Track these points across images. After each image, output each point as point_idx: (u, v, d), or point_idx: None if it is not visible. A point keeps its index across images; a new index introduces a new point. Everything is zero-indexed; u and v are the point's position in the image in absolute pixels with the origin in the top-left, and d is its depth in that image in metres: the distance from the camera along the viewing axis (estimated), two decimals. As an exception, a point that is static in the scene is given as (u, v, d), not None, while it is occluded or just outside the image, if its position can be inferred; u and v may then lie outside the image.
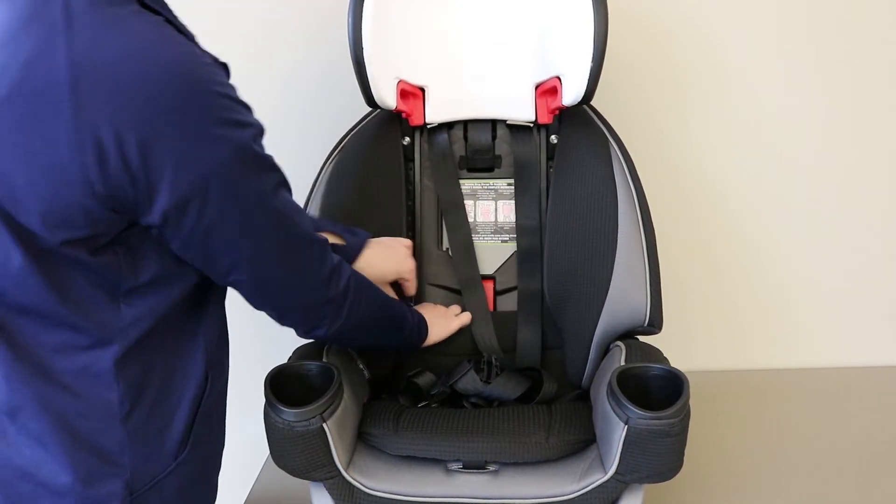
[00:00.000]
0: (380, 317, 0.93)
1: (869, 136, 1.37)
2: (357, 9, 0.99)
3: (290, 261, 0.77)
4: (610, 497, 0.88)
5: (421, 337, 1.02)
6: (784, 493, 1.09)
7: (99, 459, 0.73)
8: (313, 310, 0.82)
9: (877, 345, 1.48)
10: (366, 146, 1.09)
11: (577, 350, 1.04)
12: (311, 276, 0.79)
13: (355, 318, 0.86)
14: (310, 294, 0.80)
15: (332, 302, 0.82)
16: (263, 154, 0.72)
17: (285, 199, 0.76)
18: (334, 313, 0.83)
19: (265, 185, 0.72)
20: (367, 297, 0.87)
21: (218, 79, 0.69)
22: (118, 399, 0.73)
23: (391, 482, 0.90)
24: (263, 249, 0.74)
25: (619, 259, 1.00)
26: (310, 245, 0.79)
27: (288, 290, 0.79)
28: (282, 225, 0.75)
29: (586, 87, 1.00)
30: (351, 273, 0.85)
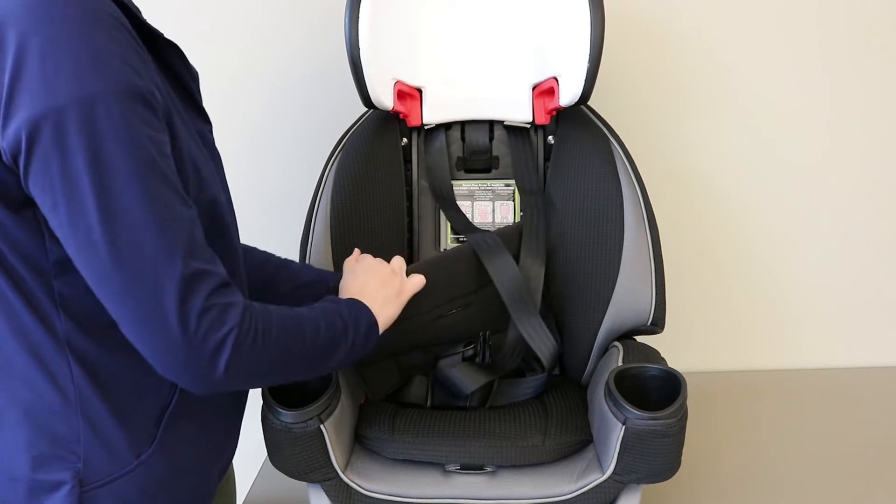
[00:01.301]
0: (302, 349, 0.73)
1: (869, 137, 1.37)
2: (354, 9, 0.99)
3: (127, 273, 0.61)
4: (607, 497, 0.88)
5: (370, 340, 0.81)
6: (782, 493, 1.09)
7: (51, 444, 0.70)
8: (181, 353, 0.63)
9: (877, 345, 1.48)
10: (366, 146, 1.09)
11: (579, 348, 1.04)
12: (164, 307, 0.61)
13: (265, 356, 0.68)
14: (167, 333, 0.62)
15: (207, 340, 0.63)
16: (131, 124, 0.60)
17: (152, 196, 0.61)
18: (219, 352, 0.64)
19: (115, 159, 0.59)
20: (278, 325, 0.70)
21: (112, 10, 0.62)
22: (72, 384, 0.69)
23: (388, 483, 0.90)
24: (90, 244, 0.60)
25: (625, 257, 1.00)
26: (163, 257, 0.61)
27: (134, 319, 0.63)
28: (129, 219, 0.60)
29: (583, 88, 1.00)
30: (251, 310, 0.67)
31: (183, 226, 0.63)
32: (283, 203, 1.39)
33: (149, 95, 0.62)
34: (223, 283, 0.65)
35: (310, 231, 1.07)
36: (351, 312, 0.79)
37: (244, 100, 1.36)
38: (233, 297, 0.66)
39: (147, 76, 0.64)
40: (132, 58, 0.62)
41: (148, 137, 0.61)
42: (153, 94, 0.63)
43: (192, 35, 1.32)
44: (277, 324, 0.69)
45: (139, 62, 0.63)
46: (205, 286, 0.63)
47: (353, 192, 1.07)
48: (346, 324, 0.78)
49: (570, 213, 1.06)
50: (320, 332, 0.74)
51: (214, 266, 0.66)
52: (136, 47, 0.63)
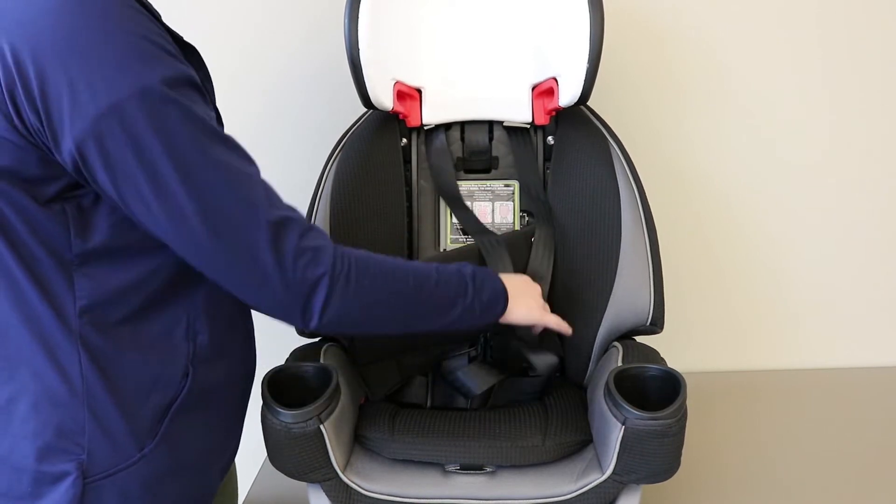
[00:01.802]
0: (406, 298, 0.76)
1: (869, 137, 1.37)
2: (353, 9, 0.99)
3: (220, 237, 0.66)
4: (607, 497, 0.88)
5: (494, 308, 0.83)
6: (782, 493, 1.09)
7: (56, 435, 0.71)
8: (281, 292, 0.68)
9: (877, 345, 1.48)
10: (366, 147, 1.10)
11: (580, 348, 1.04)
12: (256, 256, 0.67)
13: (359, 302, 0.72)
14: (263, 278, 0.67)
15: (302, 284, 0.68)
16: (184, 103, 0.64)
17: (224, 162, 0.66)
18: (316, 297, 0.69)
19: (181, 136, 0.64)
20: (374, 277, 0.73)
21: (126, 10, 0.64)
22: (80, 376, 0.70)
23: (388, 483, 0.90)
24: (182, 219, 0.65)
25: (623, 258, 1.00)
26: (248, 213, 0.66)
27: (233, 270, 0.68)
28: (210, 187, 0.65)
29: (583, 88, 1.00)
30: (341, 252, 0.71)
31: (255, 181, 0.69)
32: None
33: (193, 78, 0.67)
34: (308, 227, 0.70)
35: None
36: (477, 274, 0.82)
37: (244, 100, 1.36)
38: (320, 240, 0.70)
39: (186, 64, 0.68)
40: (171, 51, 0.66)
41: (203, 114, 0.66)
42: (195, 78, 0.68)
43: (192, 35, 1.32)
44: (375, 269, 0.74)
45: (177, 53, 0.67)
46: (293, 230, 0.68)
47: (352, 192, 1.07)
48: (465, 282, 0.80)
49: (569, 215, 1.06)
50: (429, 283, 0.77)
51: (294, 212, 0.71)
52: (171, 42, 0.67)
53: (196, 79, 0.68)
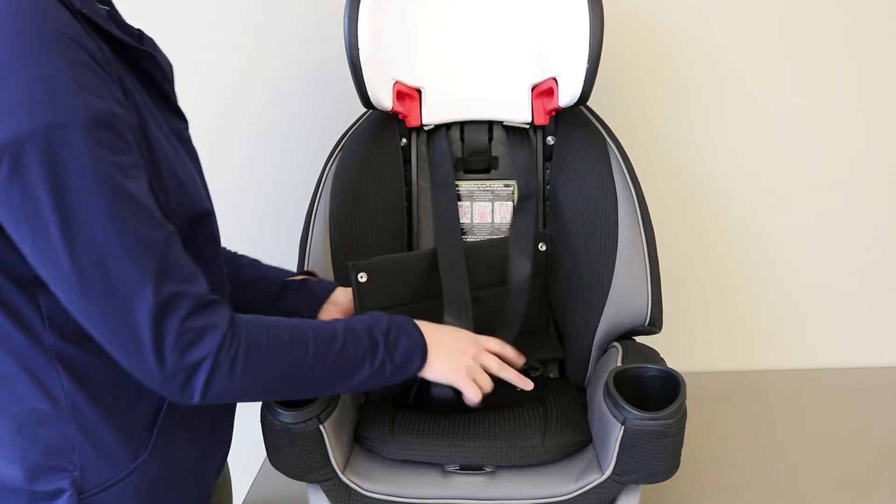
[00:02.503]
0: (304, 370, 0.71)
1: (869, 137, 1.37)
2: (353, 9, 0.99)
3: (96, 303, 0.61)
4: (606, 498, 0.88)
5: (407, 370, 0.78)
6: (782, 493, 1.09)
7: (45, 455, 0.70)
8: (156, 374, 0.63)
9: (876, 345, 1.48)
10: (365, 147, 1.09)
11: (578, 350, 1.04)
12: (134, 332, 0.61)
13: (247, 381, 0.67)
14: (138, 354, 0.62)
15: (179, 368, 0.63)
16: (93, 151, 0.59)
17: (118, 222, 0.60)
18: (196, 379, 0.64)
19: (77, 190, 0.58)
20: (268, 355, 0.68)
21: (67, 29, 0.59)
22: (63, 393, 0.69)
23: (388, 483, 0.90)
24: (60, 275, 0.60)
25: (619, 258, 1.00)
26: (133, 284, 0.61)
27: (108, 338, 0.63)
28: (95, 249, 0.60)
29: (582, 88, 1.00)
30: (234, 331, 0.66)
31: (153, 249, 0.62)
32: (283, 203, 1.39)
33: (109, 117, 0.60)
34: (202, 304, 0.64)
35: (309, 231, 1.07)
36: (391, 330, 0.76)
37: (244, 100, 1.36)
38: (212, 318, 0.64)
39: (108, 94, 0.62)
40: (91, 80, 0.60)
41: (111, 164, 0.60)
42: (115, 113, 0.61)
43: (192, 35, 1.33)
44: (271, 345, 0.68)
45: (99, 83, 0.61)
46: (179, 310, 0.62)
47: (352, 192, 1.07)
48: (375, 342, 0.75)
49: (568, 216, 1.06)
50: (332, 350, 0.72)
51: (192, 286, 0.64)
52: (95, 66, 0.61)
53: (114, 119, 0.61)
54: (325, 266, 1.05)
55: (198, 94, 1.34)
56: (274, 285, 0.97)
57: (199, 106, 1.34)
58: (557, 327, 1.11)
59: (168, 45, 0.85)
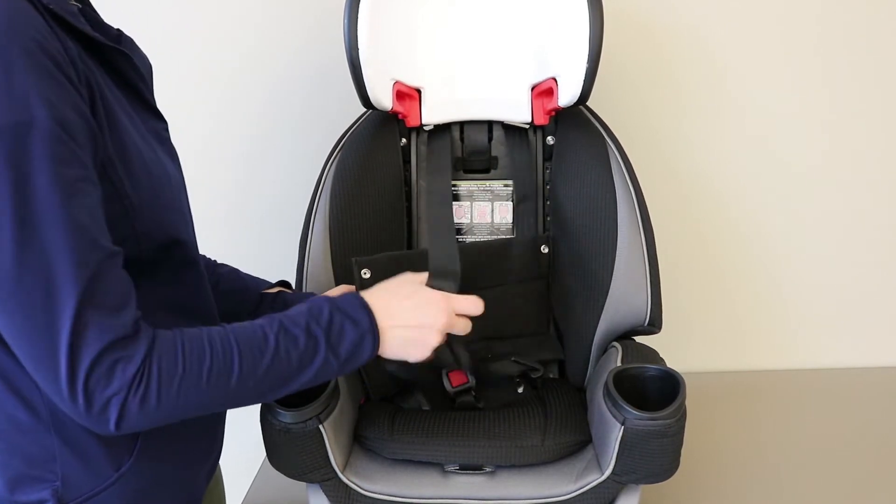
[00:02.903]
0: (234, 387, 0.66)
1: (869, 137, 1.37)
2: (353, 10, 0.99)
3: (17, 322, 0.59)
4: (606, 498, 0.88)
5: (357, 360, 0.72)
6: (781, 493, 1.09)
7: (26, 465, 0.69)
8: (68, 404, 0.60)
9: (876, 345, 1.48)
10: (365, 147, 1.09)
11: (578, 350, 1.04)
12: (52, 354, 0.59)
13: (166, 409, 0.64)
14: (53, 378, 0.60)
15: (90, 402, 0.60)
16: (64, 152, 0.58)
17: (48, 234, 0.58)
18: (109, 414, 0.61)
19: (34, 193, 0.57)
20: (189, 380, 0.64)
21: (32, 31, 0.58)
22: (42, 402, 0.67)
23: (387, 483, 0.90)
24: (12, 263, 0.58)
25: (619, 259, 1.00)
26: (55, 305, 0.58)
27: (24, 354, 0.61)
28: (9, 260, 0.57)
29: (582, 88, 1.00)
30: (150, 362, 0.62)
31: (83, 272, 0.59)
32: (283, 203, 1.39)
33: (59, 128, 0.58)
34: (122, 337, 0.61)
35: (309, 231, 1.07)
36: (334, 320, 0.71)
37: (243, 100, 1.36)
38: (126, 352, 0.61)
39: (66, 102, 0.60)
40: (43, 84, 0.58)
41: (53, 176, 0.58)
42: (66, 123, 0.59)
43: (192, 36, 1.33)
44: (188, 371, 0.64)
45: (53, 87, 0.59)
46: (96, 340, 0.60)
47: (351, 192, 1.07)
48: (315, 339, 0.69)
49: (567, 216, 1.06)
50: (264, 360, 0.67)
51: (115, 317, 0.61)
52: (54, 71, 0.59)
53: (65, 129, 0.59)
54: (325, 266, 1.05)
55: (198, 95, 1.34)
56: (252, 296, 0.97)
57: (199, 106, 1.35)
58: (558, 328, 1.11)
59: (168, 45, 0.84)
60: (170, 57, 0.84)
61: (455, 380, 1.03)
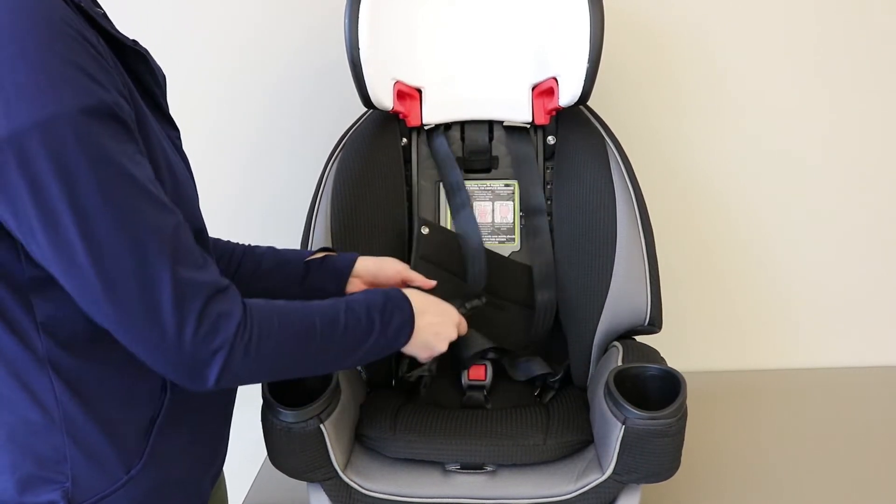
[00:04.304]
0: (311, 353, 0.73)
1: (869, 137, 1.37)
2: (353, 10, 0.99)
3: (116, 293, 0.60)
4: (607, 497, 0.88)
5: (397, 344, 0.81)
6: (782, 493, 1.09)
7: (36, 466, 0.69)
8: (175, 360, 0.63)
9: (877, 345, 1.48)
10: (366, 147, 1.10)
11: (580, 350, 1.04)
12: (156, 317, 0.61)
13: (259, 366, 0.68)
14: (159, 340, 0.62)
15: (198, 354, 0.63)
16: (97, 140, 0.58)
17: (130, 209, 0.60)
18: (212, 367, 0.64)
19: (85, 178, 0.58)
20: (279, 341, 0.69)
21: (69, 20, 0.59)
22: (55, 402, 0.67)
23: (388, 483, 0.91)
24: (76, 269, 0.59)
25: (618, 259, 1.00)
26: (151, 270, 0.60)
27: (127, 328, 0.62)
28: (110, 239, 0.59)
29: (583, 88, 1.00)
30: (248, 317, 0.66)
31: (165, 235, 0.61)
32: (284, 203, 1.39)
33: (115, 108, 0.60)
34: (217, 290, 0.64)
35: (310, 231, 1.07)
36: (388, 305, 0.79)
37: (244, 100, 1.36)
38: (228, 305, 0.65)
39: (112, 86, 0.61)
40: (94, 69, 0.59)
41: (118, 152, 0.59)
42: (119, 105, 0.61)
43: (193, 36, 1.33)
44: (281, 330, 0.69)
45: (102, 73, 0.60)
46: (197, 297, 0.62)
47: (353, 192, 1.07)
48: (373, 319, 0.77)
49: (567, 217, 1.06)
50: (337, 331, 0.73)
51: (206, 272, 0.64)
52: (97, 56, 0.61)
53: (117, 108, 0.61)
54: (326, 266, 1.05)
55: (199, 95, 1.34)
56: (297, 268, 0.96)
57: (200, 107, 1.35)
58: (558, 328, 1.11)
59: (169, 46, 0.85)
60: (170, 57, 0.84)
61: (473, 373, 1.04)
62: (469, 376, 1.05)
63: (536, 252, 1.10)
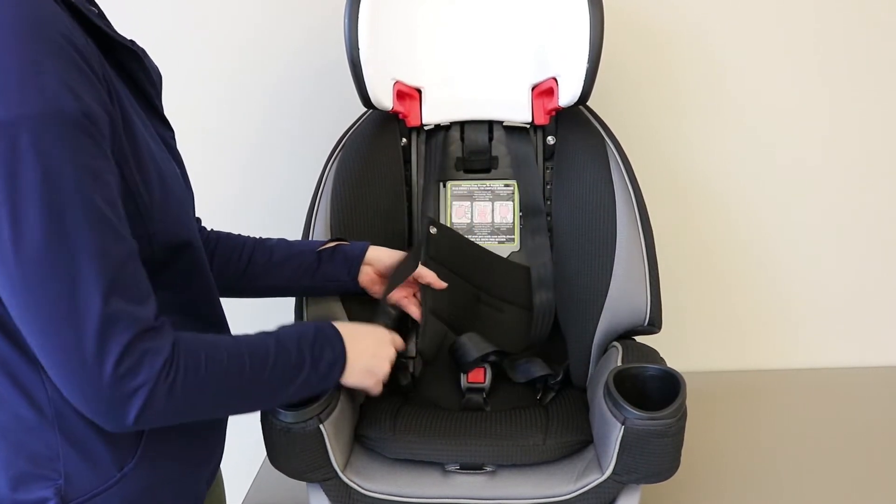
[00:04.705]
0: (237, 393, 0.71)
1: (869, 137, 1.37)
2: (353, 10, 0.99)
3: (44, 316, 0.59)
4: (607, 497, 0.88)
5: (329, 382, 0.80)
6: (781, 493, 1.09)
7: (29, 463, 0.69)
8: (93, 396, 0.61)
9: (877, 345, 1.48)
10: (366, 147, 1.10)
11: (579, 350, 1.04)
12: (78, 342, 0.59)
13: (181, 406, 0.65)
14: (81, 376, 0.60)
15: (116, 391, 0.60)
16: (58, 150, 0.57)
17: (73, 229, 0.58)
18: (130, 407, 0.62)
19: (35, 189, 0.56)
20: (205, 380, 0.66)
21: (59, 25, 0.59)
22: (47, 400, 0.67)
23: (388, 483, 0.90)
24: (6, 278, 0.58)
25: (618, 259, 1.00)
26: (85, 294, 0.58)
27: (47, 348, 0.60)
28: (39, 256, 0.57)
29: (582, 88, 1.00)
30: (175, 357, 0.64)
31: (107, 262, 0.60)
32: (283, 203, 1.39)
33: (85, 119, 0.58)
34: (147, 328, 0.62)
35: (309, 231, 1.07)
36: (318, 340, 0.77)
37: (244, 100, 1.36)
38: (158, 342, 0.63)
39: (91, 94, 0.60)
40: (74, 78, 0.58)
41: (79, 166, 0.58)
42: (92, 115, 0.59)
43: (192, 36, 1.33)
44: (209, 370, 0.66)
45: (82, 81, 0.59)
46: (127, 329, 0.60)
47: (352, 192, 1.07)
48: (303, 357, 0.75)
49: (566, 216, 1.06)
50: (265, 370, 0.71)
51: (140, 309, 0.62)
52: (78, 62, 0.60)
53: (90, 120, 0.59)
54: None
55: (198, 95, 1.34)
56: (309, 258, 0.97)
57: (200, 107, 1.35)
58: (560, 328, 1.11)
59: (169, 45, 0.85)
60: (169, 57, 0.84)
61: (472, 377, 1.04)
62: (468, 379, 1.05)
63: (536, 252, 1.10)
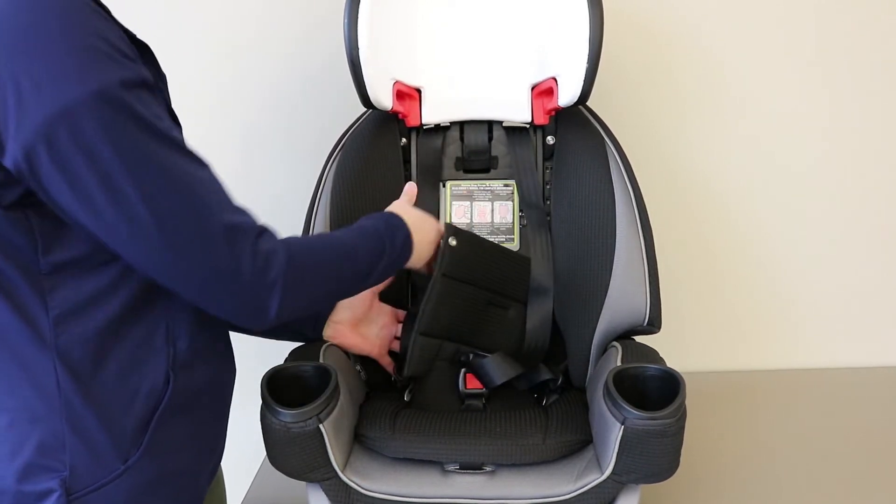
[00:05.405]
0: (339, 278, 0.79)
1: (868, 137, 1.37)
2: (353, 10, 0.99)
3: (176, 244, 0.64)
4: (606, 497, 0.88)
5: (403, 261, 0.88)
6: (781, 493, 1.09)
7: (36, 453, 0.69)
8: (240, 297, 0.68)
9: (877, 345, 1.48)
10: (366, 147, 1.10)
11: (578, 350, 1.04)
12: (214, 263, 0.65)
13: (305, 294, 0.73)
14: (226, 282, 0.66)
15: (258, 288, 0.68)
16: (138, 107, 0.62)
17: (178, 167, 0.64)
18: (272, 299, 0.69)
19: (134, 142, 0.61)
20: (315, 269, 0.75)
21: (81, 9, 0.61)
22: (57, 390, 0.69)
23: (388, 483, 0.90)
24: (139, 227, 0.63)
25: (617, 259, 1.00)
26: (202, 219, 0.65)
27: (190, 278, 0.66)
28: (164, 194, 0.63)
29: (582, 88, 1.00)
30: (289, 251, 0.71)
31: (209, 185, 0.67)
32: (283, 203, 1.39)
33: (147, 81, 0.65)
34: (259, 231, 0.69)
35: (309, 231, 1.07)
36: (388, 230, 0.85)
37: (244, 100, 1.36)
38: (272, 243, 0.70)
39: (140, 64, 0.66)
40: (123, 50, 0.63)
41: (156, 117, 0.64)
42: (146, 78, 0.65)
43: (192, 35, 1.33)
44: (315, 259, 0.75)
45: (129, 52, 0.65)
46: (247, 235, 0.67)
47: (352, 192, 1.07)
48: (382, 241, 0.83)
49: (566, 216, 1.06)
50: (356, 255, 0.80)
51: (246, 216, 0.70)
52: (125, 39, 0.65)
53: (150, 80, 0.65)
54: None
55: (197, 95, 1.34)
56: None
57: (198, 106, 1.35)
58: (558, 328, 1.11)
59: (168, 45, 0.85)
60: (169, 57, 0.84)
61: (470, 382, 1.03)
62: (467, 385, 1.04)
63: (535, 252, 1.10)
